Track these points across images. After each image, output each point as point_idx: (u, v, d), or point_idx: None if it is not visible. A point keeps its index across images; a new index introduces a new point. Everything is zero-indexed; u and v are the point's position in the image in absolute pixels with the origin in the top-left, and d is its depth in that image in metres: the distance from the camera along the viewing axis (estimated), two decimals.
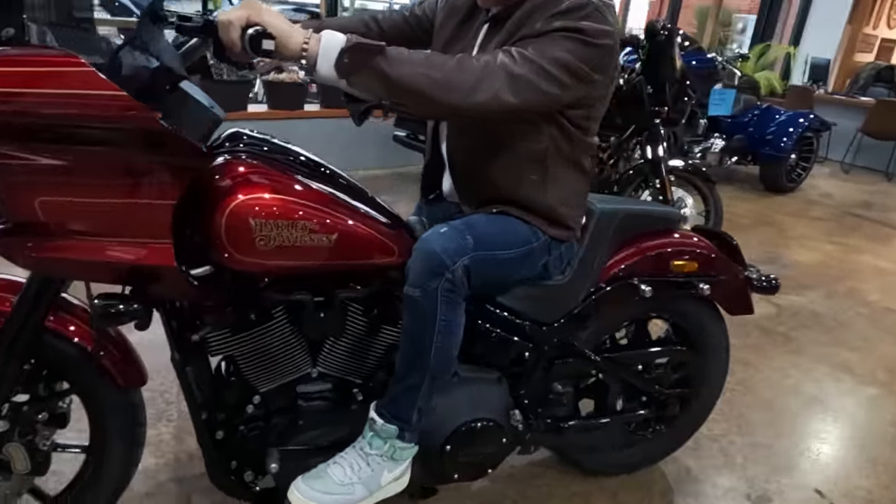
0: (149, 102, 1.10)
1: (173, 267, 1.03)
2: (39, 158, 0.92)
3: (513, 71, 1.04)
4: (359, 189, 1.35)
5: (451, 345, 1.16)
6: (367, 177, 4.76)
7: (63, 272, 1.08)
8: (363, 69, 0.96)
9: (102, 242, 1.01)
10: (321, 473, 1.18)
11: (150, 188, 0.99)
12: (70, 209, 0.97)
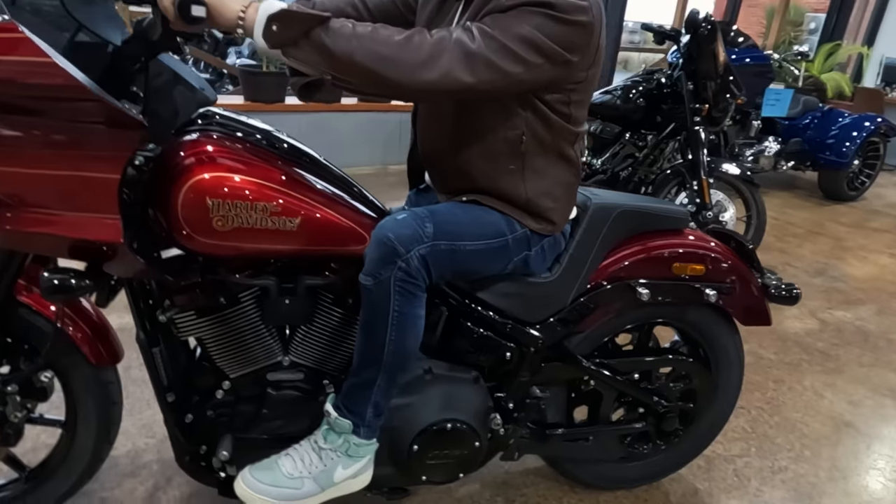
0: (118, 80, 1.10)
1: (121, 244, 1.01)
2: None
3: (468, 48, 0.96)
4: (339, 176, 1.30)
5: (407, 339, 1.09)
6: (390, 172, 4.74)
7: (15, 244, 1.08)
8: (302, 41, 0.91)
9: (50, 215, 1.00)
10: (271, 465, 1.14)
11: (91, 161, 0.97)
12: (15, 180, 0.97)
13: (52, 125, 0.94)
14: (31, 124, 0.94)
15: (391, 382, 1.12)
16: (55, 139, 0.95)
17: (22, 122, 0.93)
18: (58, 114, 0.93)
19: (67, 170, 0.97)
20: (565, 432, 1.48)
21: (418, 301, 1.08)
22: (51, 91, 0.88)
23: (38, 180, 0.97)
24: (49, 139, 0.95)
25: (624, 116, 3.48)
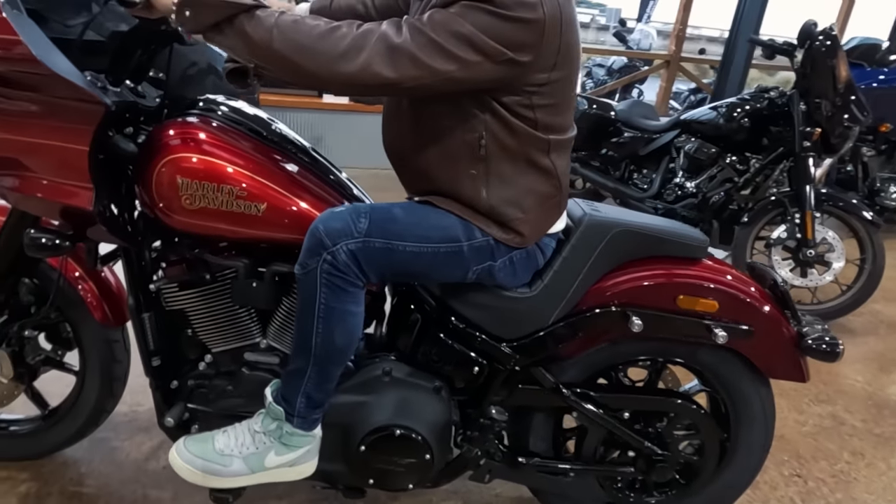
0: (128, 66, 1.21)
1: (90, 210, 1.10)
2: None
3: (392, 42, 0.93)
4: (325, 169, 1.33)
5: (334, 333, 1.07)
6: None
7: (17, 205, 1.22)
8: (226, 27, 0.93)
9: (39, 180, 1.12)
10: (206, 438, 1.18)
11: (63, 132, 1.07)
12: (6, 145, 1.09)
13: (35, 98, 1.05)
14: (18, 96, 1.05)
15: (322, 375, 1.11)
16: (37, 111, 1.06)
17: (11, 94, 1.05)
18: (39, 88, 1.04)
19: (48, 139, 1.08)
20: (540, 463, 1.37)
21: (349, 296, 1.06)
22: (22, 65, 0.99)
23: (25, 147, 1.10)
24: (32, 110, 1.06)
25: (725, 136, 3.17)
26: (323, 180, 1.27)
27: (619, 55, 7.32)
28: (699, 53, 7.52)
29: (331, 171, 1.33)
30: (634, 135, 3.67)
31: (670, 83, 6.45)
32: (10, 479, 1.50)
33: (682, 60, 6.22)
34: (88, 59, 1.17)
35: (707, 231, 3.21)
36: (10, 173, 1.15)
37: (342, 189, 1.30)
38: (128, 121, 1.21)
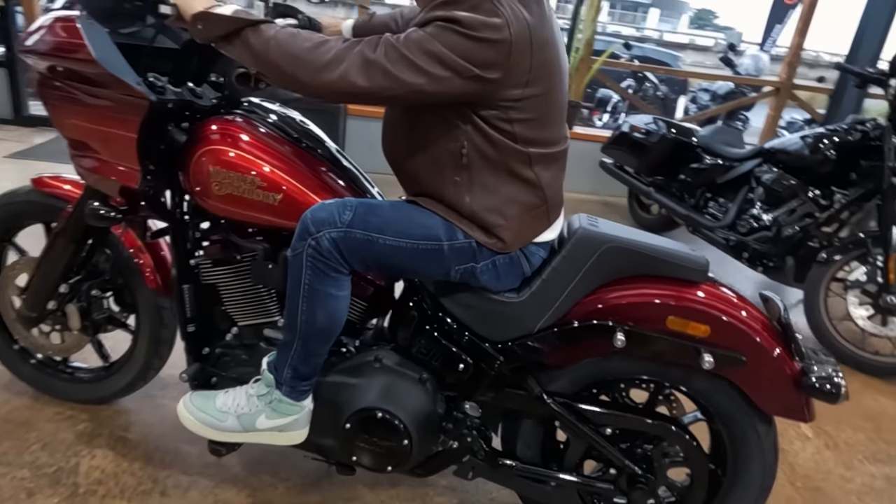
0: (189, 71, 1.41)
1: (135, 188, 1.29)
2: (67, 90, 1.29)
3: (367, 56, 1.02)
4: (343, 167, 1.45)
5: (317, 313, 1.18)
6: (571, 199, 4.67)
7: (89, 183, 1.44)
8: (234, 38, 1.07)
9: (103, 161, 1.34)
10: (209, 395, 1.33)
11: (119, 122, 1.27)
12: (79, 129, 1.32)
13: (101, 93, 1.27)
14: (90, 91, 1.28)
15: (307, 350, 1.22)
16: (102, 103, 1.28)
17: (84, 89, 1.28)
18: (104, 85, 1.25)
19: (109, 127, 1.29)
20: (520, 467, 1.40)
21: (331, 280, 1.16)
22: (87, 65, 1.21)
23: (93, 133, 1.32)
24: (99, 103, 1.28)
25: (810, 168, 2.98)
26: (338, 177, 1.40)
27: (725, 80, 7.00)
28: (818, 81, 7.02)
29: (347, 170, 1.45)
30: (714, 162, 3.54)
31: (778, 111, 6.07)
32: (73, 417, 1.75)
33: (794, 88, 5.84)
34: (157, 64, 1.39)
35: (780, 268, 3.03)
36: (85, 155, 1.39)
37: (355, 185, 1.42)
38: (185, 117, 1.41)
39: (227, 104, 1.45)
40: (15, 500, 1.47)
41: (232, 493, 1.57)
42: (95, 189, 1.46)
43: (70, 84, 1.30)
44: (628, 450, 1.37)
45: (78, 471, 1.58)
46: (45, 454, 1.62)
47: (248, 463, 1.66)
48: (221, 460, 1.65)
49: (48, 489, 1.51)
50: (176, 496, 1.54)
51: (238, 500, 1.55)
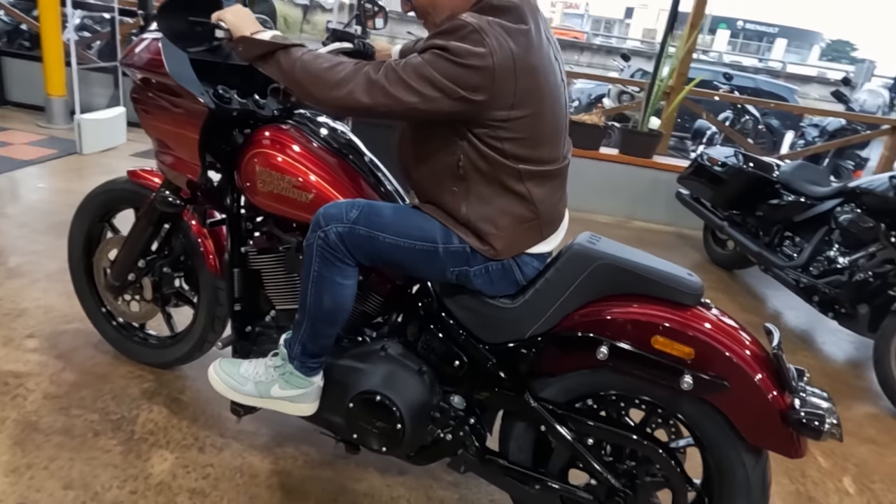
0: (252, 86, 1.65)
1: (195, 180, 1.54)
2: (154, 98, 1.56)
3: (371, 77, 1.17)
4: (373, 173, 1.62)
5: (323, 297, 1.33)
6: (644, 229, 4.63)
7: (167, 176, 1.71)
8: (270, 59, 1.25)
9: (176, 158, 1.60)
10: (235, 362, 1.52)
11: (187, 125, 1.52)
12: (161, 132, 1.60)
13: (177, 101, 1.52)
14: (169, 100, 1.54)
15: (314, 330, 1.37)
16: (178, 109, 1.53)
17: (165, 98, 1.54)
18: (180, 94, 1.50)
19: (181, 129, 1.54)
20: (507, 465, 1.47)
21: (337, 270, 1.31)
22: (165, 78, 1.46)
23: (170, 133, 1.58)
24: (176, 109, 1.54)
25: (892, 212, 2.79)
26: (367, 183, 1.57)
27: (836, 116, 6.56)
28: None
29: (378, 178, 1.61)
30: (794, 199, 3.39)
31: (894, 152, 5.62)
32: (141, 376, 2.04)
33: None
34: (229, 78, 1.63)
35: (852, 315, 2.84)
36: (163, 152, 1.66)
37: (380, 192, 1.58)
38: (249, 124, 1.64)
39: (285, 115, 1.67)
40: (83, 438, 1.74)
41: (257, 458, 1.76)
42: (170, 181, 1.73)
43: (156, 93, 1.57)
44: (612, 464, 1.41)
45: (136, 421, 1.84)
46: (113, 403, 1.90)
47: (276, 436, 1.85)
48: (254, 430, 1.86)
49: (110, 433, 1.78)
50: (211, 453, 1.75)
51: (261, 465, 1.74)
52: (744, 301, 3.54)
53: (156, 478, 1.64)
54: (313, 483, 1.71)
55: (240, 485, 1.66)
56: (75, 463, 1.65)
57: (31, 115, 5.03)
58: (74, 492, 1.56)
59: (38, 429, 1.75)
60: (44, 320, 2.27)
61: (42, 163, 4.06)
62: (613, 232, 4.44)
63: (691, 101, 5.75)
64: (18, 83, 5.27)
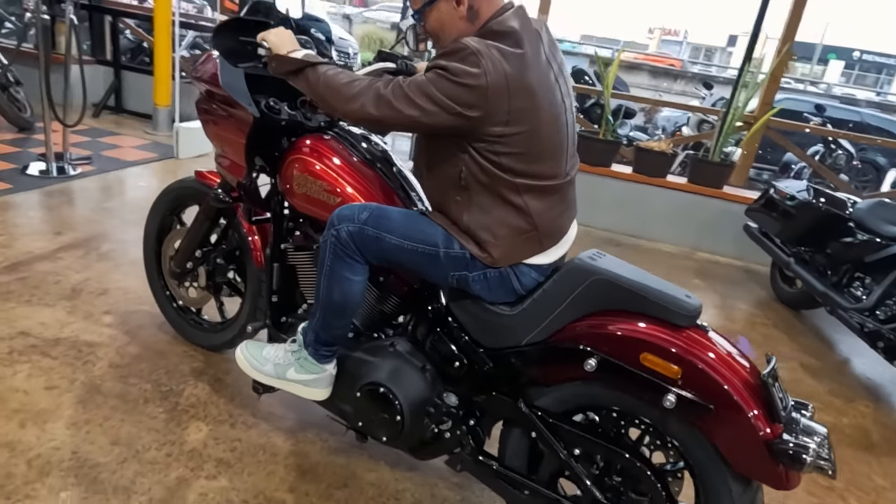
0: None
1: (241, 180, 1.72)
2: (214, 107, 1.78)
3: (380, 92, 1.29)
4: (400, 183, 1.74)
5: (333, 291, 1.45)
6: (709, 261, 4.48)
7: (221, 174, 1.92)
8: (300, 74, 1.40)
9: (230, 161, 1.80)
10: (260, 345, 1.67)
11: (238, 131, 1.72)
12: (219, 138, 1.80)
13: (232, 112, 1.73)
14: (225, 109, 1.75)
15: (325, 320, 1.50)
16: (233, 117, 1.73)
17: (222, 107, 1.75)
18: (232, 104, 1.71)
19: (233, 135, 1.74)
20: (498, 468, 1.52)
21: (347, 266, 1.43)
22: (221, 89, 1.67)
23: (225, 139, 1.79)
24: (233, 117, 1.74)
25: None
26: (392, 191, 1.69)
27: None
28: None
29: (404, 188, 1.74)
30: (867, 238, 3.19)
31: None
32: (193, 356, 2.26)
33: None
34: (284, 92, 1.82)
35: None
36: (220, 155, 1.87)
37: (403, 199, 1.69)
38: (297, 133, 1.82)
39: (330, 126, 1.84)
40: (135, 404, 1.97)
41: (281, 439, 1.91)
42: (226, 181, 1.94)
43: (216, 103, 1.79)
44: (600, 477, 1.43)
45: (182, 394, 2.04)
46: (165, 377, 2.12)
47: (300, 421, 2.00)
48: (281, 414, 2.02)
49: (158, 402, 1.99)
50: (240, 430, 1.92)
51: (283, 445, 1.88)
52: (807, 343, 3.35)
53: (189, 445, 1.83)
54: (327, 467, 1.83)
55: (261, 461, 1.81)
56: (125, 424, 1.87)
57: (141, 123, 5.62)
58: (120, 448, 1.77)
59: (100, 392, 2.00)
60: (121, 300, 2.57)
61: (144, 164, 4.54)
62: (676, 262, 4.34)
63: (775, 133, 5.52)
64: (134, 94, 5.91)
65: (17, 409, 1.86)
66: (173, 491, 1.65)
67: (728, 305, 3.71)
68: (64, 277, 2.68)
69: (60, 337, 2.25)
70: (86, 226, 3.30)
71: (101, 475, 1.66)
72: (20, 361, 2.08)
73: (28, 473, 1.63)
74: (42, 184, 3.81)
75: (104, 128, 5.36)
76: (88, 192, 3.85)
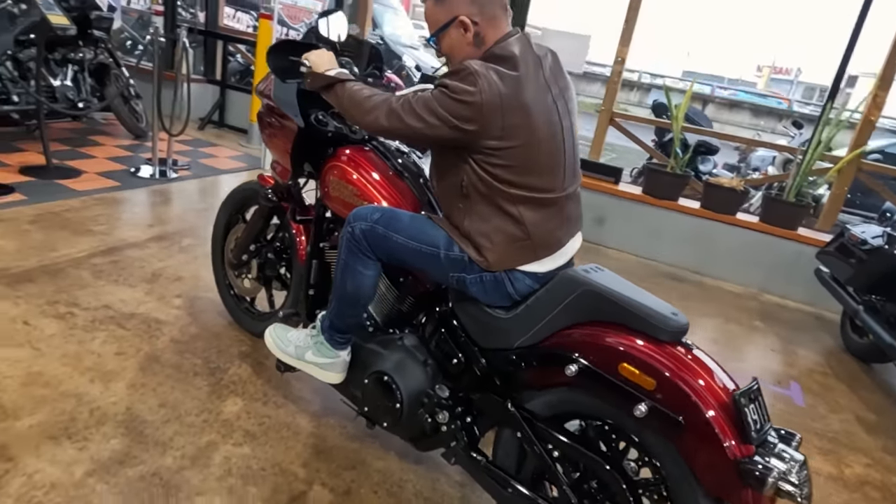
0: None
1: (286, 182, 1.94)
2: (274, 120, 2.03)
3: (391, 106, 1.44)
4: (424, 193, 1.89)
5: (346, 282, 1.60)
6: (776, 304, 4.28)
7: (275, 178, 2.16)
8: (330, 89, 1.58)
9: (280, 165, 2.04)
10: (287, 328, 1.85)
11: (288, 139, 1.94)
12: (275, 146, 2.04)
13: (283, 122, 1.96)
14: (279, 120, 1.98)
15: (339, 309, 1.66)
16: (286, 127, 1.96)
17: (277, 118, 1.99)
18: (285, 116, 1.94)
19: (284, 142, 1.97)
20: (485, 465, 1.60)
21: (359, 260, 1.59)
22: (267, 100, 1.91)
23: (278, 145, 2.02)
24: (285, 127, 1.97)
25: None
26: (414, 198, 1.84)
27: None
28: None
29: (429, 197, 1.89)
30: None
31: None
32: (242, 340, 2.50)
33: None
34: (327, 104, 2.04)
35: None
36: (276, 160, 2.11)
37: (427, 206, 1.84)
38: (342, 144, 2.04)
39: (371, 139, 2.03)
40: (186, 375, 2.22)
41: (305, 420, 2.09)
42: (278, 184, 2.18)
43: (273, 115, 2.03)
44: (578, 482, 1.48)
45: (227, 372, 2.28)
46: (215, 356, 2.37)
47: (326, 408, 2.17)
48: (310, 399, 2.20)
49: (204, 376, 2.23)
50: (271, 408, 2.12)
51: (306, 426, 2.06)
52: (869, 397, 3.14)
53: (224, 415, 2.04)
54: (340, 451, 1.98)
55: (283, 437, 1.99)
56: (174, 391, 2.11)
57: (238, 136, 6.19)
58: (165, 410, 2.01)
59: (159, 361, 2.27)
60: (191, 287, 2.88)
61: (234, 173, 5.01)
62: (739, 302, 4.18)
63: (868, 177, 5.20)
64: (235, 111, 6.53)
65: (89, 368, 2.16)
66: (203, 451, 1.86)
67: (788, 350, 3.54)
68: (148, 264, 3.05)
69: (135, 313, 2.57)
70: (175, 222, 3.71)
71: (145, 430, 1.90)
72: (99, 329, 2.40)
73: (88, 420, 1.90)
74: (145, 184, 4.31)
75: (206, 139, 5.95)
76: (182, 194, 4.31)
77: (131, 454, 1.79)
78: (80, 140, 5.07)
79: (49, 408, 1.92)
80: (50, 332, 2.32)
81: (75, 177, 4.13)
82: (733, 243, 4.53)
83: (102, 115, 5.72)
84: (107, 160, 4.66)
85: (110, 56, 5.02)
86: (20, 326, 2.32)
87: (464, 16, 1.45)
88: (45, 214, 3.41)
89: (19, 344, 2.22)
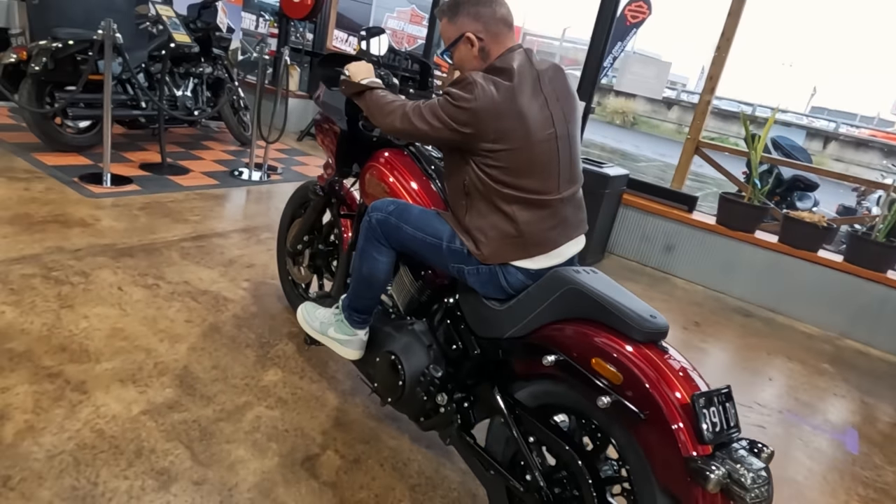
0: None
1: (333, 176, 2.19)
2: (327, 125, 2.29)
3: (405, 109, 1.62)
4: None
5: (362, 267, 1.78)
6: (856, 350, 4.00)
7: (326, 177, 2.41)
8: (361, 95, 1.78)
9: (328, 164, 2.28)
10: (316, 306, 2.07)
11: (331, 140, 2.18)
12: (322, 143, 2.29)
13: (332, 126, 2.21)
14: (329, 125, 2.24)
15: (356, 291, 1.84)
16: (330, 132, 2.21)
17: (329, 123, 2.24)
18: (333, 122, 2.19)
19: (330, 143, 2.22)
20: (474, 447, 1.71)
21: (374, 247, 1.77)
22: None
23: (327, 147, 2.27)
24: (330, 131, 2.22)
25: None
26: (437, 199, 2.01)
27: None
28: None
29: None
30: None
31: None
32: (293, 322, 2.77)
33: None
34: None
35: None
36: (326, 161, 2.37)
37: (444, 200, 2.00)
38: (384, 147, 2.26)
39: (409, 144, 2.24)
40: (238, 346, 2.51)
41: (333, 396, 2.29)
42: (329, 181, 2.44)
43: (325, 121, 2.30)
44: (551, 470, 1.56)
45: (274, 347, 2.55)
46: (267, 333, 2.65)
47: (354, 387, 2.37)
48: (341, 379, 2.41)
49: (254, 348, 2.51)
50: (305, 382, 2.35)
51: (332, 401, 2.26)
52: None
53: (263, 382, 2.29)
54: (359, 426, 2.16)
55: (311, 407, 2.21)
56: (225, 357, 2.41)
57: None
58: (216, 371, 2.30)
59: (219, 332, 2.58)
60: (259, 273, 3.22)
61: None
62: (810, 343, 3.94)
63: None
64: None
65: (161, 329, 2.50)
66: (239, 409, 2.11)
67: (854, 397, 3.30)
68: (227, 251, 3.43)
69: (208, 290, 2.93)
70: (257, 217, 4.12)
71: (195, 385, 2.19)
72: (176, 300, 2.77)
73: (152, 371, 2.22)
74: (241, 184, 4.81)
75: (301, 149, 6.48)
76: (270, 195, 4.76)
77: (180, 402, 2.08)
78: (194, 144, 5.73)
79: (123, 357, 2.26)
80: (136, 298, 2.71)
81: (184, 174, 4.69)
82: (812, 282, 4.29)
83: (216, 124, 6.42)
84: (213, 162, 5.24)
85: (226, 71, 5.65)
86: (115, 291, 2.73)
87: (470, 33, 1.62)
88: (152, 203, 3.93)
89: (111, 304, 2.61)
